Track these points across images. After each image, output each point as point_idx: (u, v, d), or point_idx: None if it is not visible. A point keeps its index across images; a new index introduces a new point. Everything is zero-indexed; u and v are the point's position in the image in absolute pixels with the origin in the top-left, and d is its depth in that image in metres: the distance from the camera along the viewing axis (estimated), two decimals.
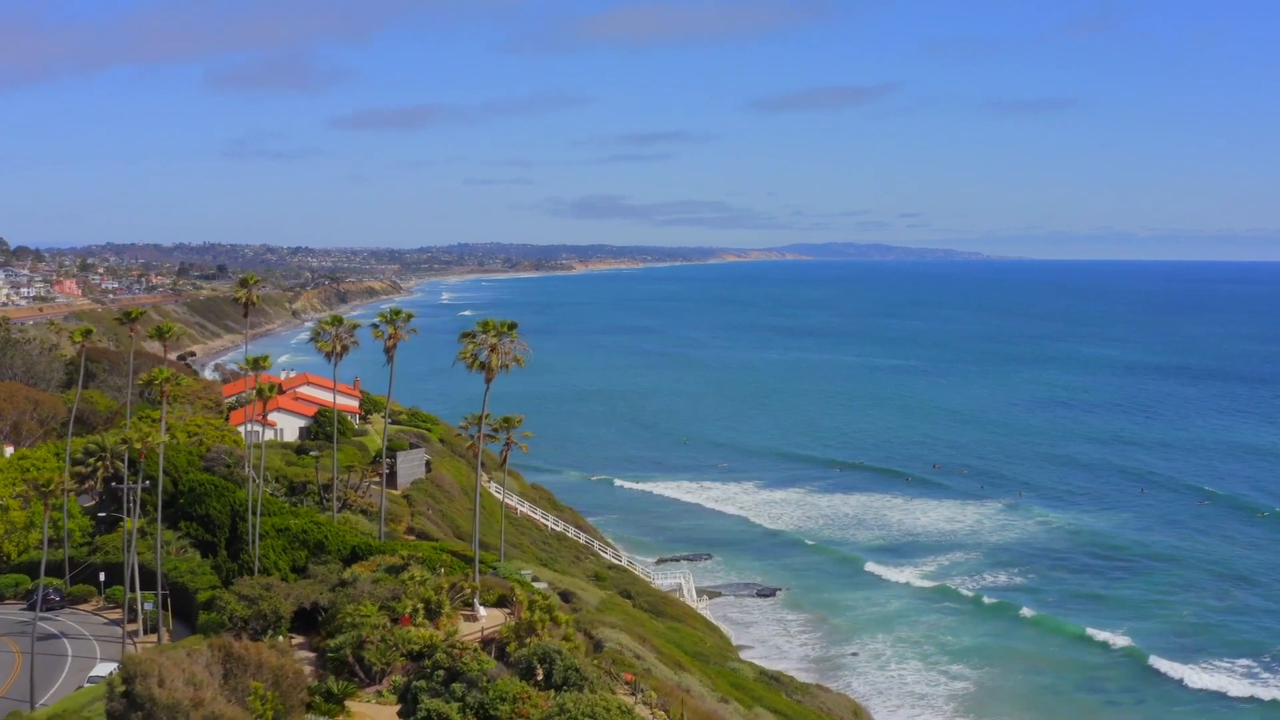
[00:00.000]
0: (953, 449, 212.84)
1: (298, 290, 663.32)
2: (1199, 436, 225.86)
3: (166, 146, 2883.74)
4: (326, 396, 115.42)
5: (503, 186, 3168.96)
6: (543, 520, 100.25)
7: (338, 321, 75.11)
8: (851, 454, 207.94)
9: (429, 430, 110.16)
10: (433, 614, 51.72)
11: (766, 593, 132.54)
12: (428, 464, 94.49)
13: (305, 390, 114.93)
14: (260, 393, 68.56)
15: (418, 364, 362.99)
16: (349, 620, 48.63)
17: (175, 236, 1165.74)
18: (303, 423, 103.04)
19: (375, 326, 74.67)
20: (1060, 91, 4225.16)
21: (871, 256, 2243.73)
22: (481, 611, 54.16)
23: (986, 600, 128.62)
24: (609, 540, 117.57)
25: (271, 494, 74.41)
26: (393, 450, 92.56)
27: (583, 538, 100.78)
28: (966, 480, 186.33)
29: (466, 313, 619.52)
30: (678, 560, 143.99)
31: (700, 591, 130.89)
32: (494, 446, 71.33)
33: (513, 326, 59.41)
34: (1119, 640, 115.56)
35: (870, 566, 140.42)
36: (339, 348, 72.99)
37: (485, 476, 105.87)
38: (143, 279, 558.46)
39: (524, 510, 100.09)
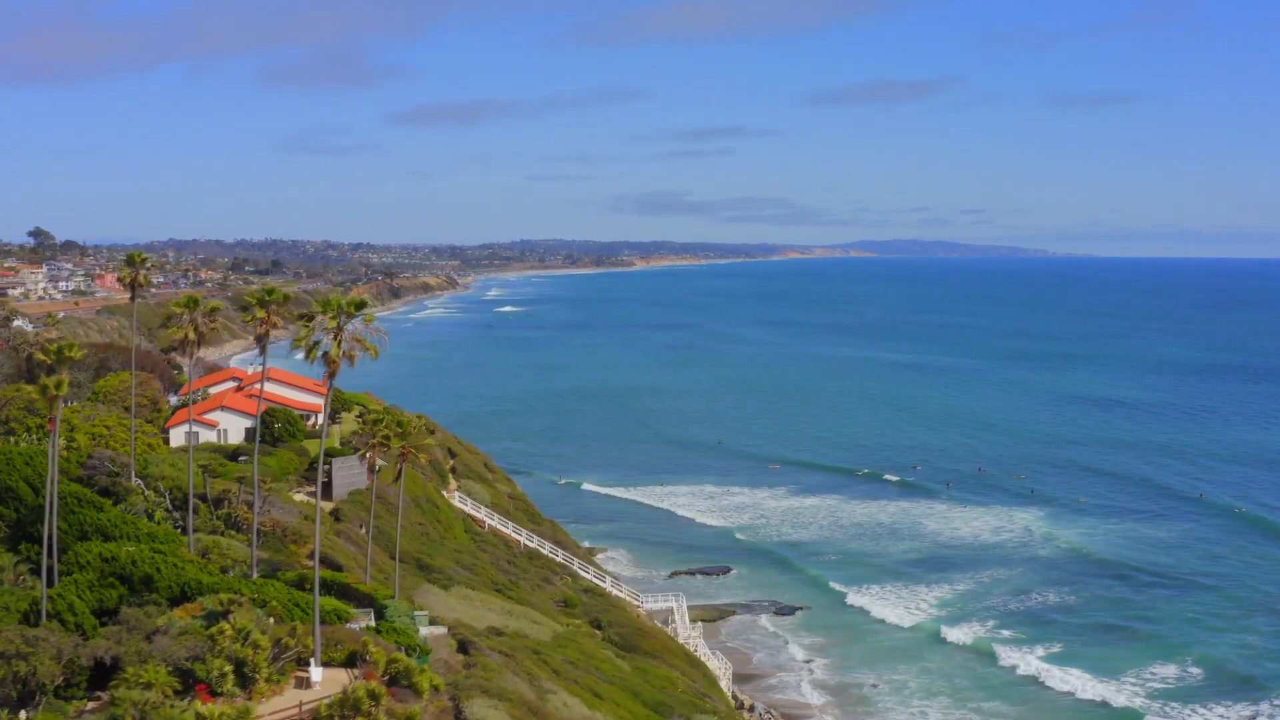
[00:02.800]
0: (1000, 453, 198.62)
1: (347, 286, 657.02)
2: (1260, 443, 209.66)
3: (225, 143, 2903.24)
4: (291, 394, 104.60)
5: (564, 183, 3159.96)
6: (514, 535, 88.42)
7: (192, 304, 63.51)
8: (891, 457, 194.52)
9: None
10: (247, 679, 40.28)
11: (785, 611, 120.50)
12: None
13: (268, 387, 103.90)
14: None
15: (454, 358, 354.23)
16: (121, 690, 37.34)
17: (237, 233, 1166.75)
18: (249, 423, 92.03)
19: (245, 310, 63.09)
20: (1123, 85, 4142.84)
21: (935, 254, 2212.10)
22: (316, 675, 42.62)
23: (1031, 624, 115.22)
24: (594, 560, 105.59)
25: (161, 510, 63.24)
26: (331, 455, 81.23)
27: (560, 555, 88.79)
28: (1015, 487, 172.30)
29: (506, 309, 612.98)
30: (693, 574, 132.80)
31: (713, 610, 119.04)
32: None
33: (360, 306, 47.58)
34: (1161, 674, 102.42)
35: (900, 583, 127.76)
36: (192, 334, 61.44)
37: (454, 484, 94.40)
38: (189, 273, 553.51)
39: (493, 524, 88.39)
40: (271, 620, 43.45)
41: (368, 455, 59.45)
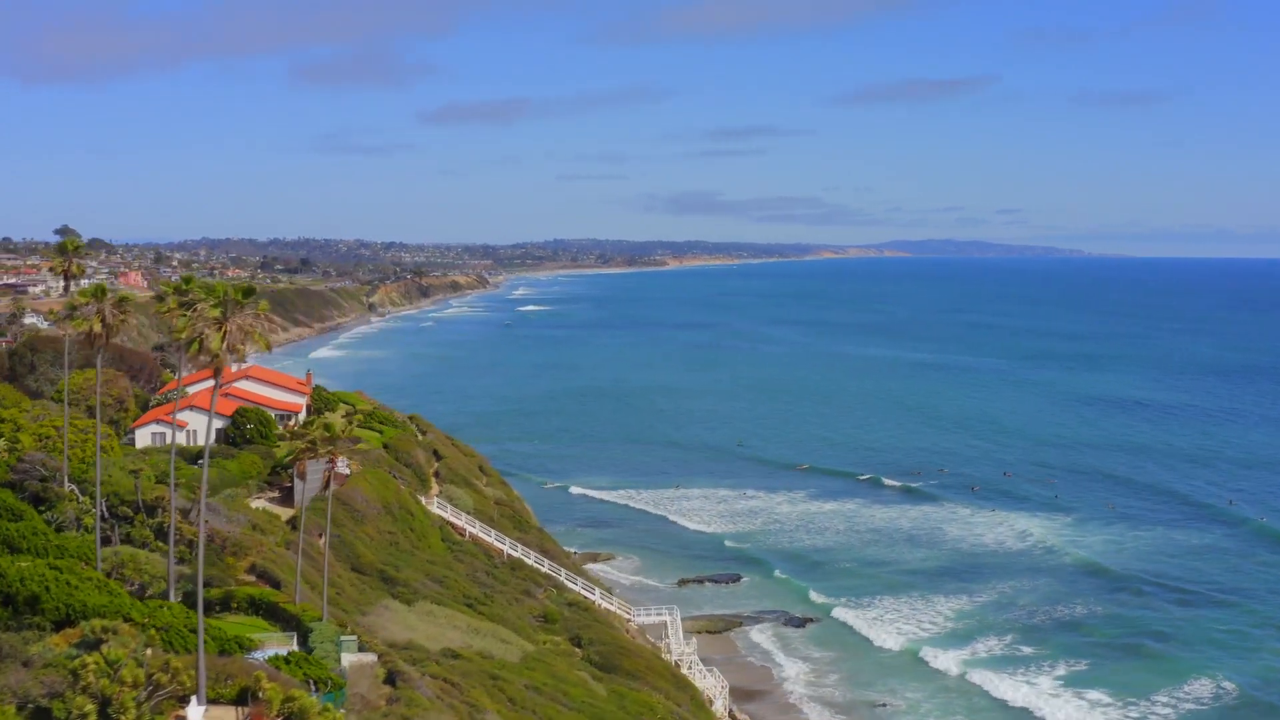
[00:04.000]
0: (1028, 457, 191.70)
1: (375, 284, 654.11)
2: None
3: (256, 141, 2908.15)
4: (272, 394, 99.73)
5: (596, 182, 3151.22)
6: (496, 544, 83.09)
7: (100, 293, 58.20)
8: (915, 461, 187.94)
9: (380, 432, 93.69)
10: None
11: (795, 623, 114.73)
12: (342, 476, 77.88)
13: (242, 385, 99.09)
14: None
15: (470, 357, 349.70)
16: None
17: (270, 232, 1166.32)
18: (221, 423, 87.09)
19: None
20: (1155, 84, 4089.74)
21: (970, 254, 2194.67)
22: (195, 715, 37.32)
23: (1052, 640, 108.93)
24: (586, 570, 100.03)
25: (90, 517, 58.16)
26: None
27: (546, 565, 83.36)
28: (1040, 493, 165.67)
29: (529, 308, 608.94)
30: (701, 582, 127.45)
31: (719, 620, 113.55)
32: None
33: (249, 293, 42.25)
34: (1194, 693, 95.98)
35: (916, 593, 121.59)
36: (98, 327, 56.13)
37: (435, 489, 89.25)
38: (215, 271, 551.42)
39: (474, 532, 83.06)
40: (149, 651, 38.22)
41: (297, 464, 54.31)
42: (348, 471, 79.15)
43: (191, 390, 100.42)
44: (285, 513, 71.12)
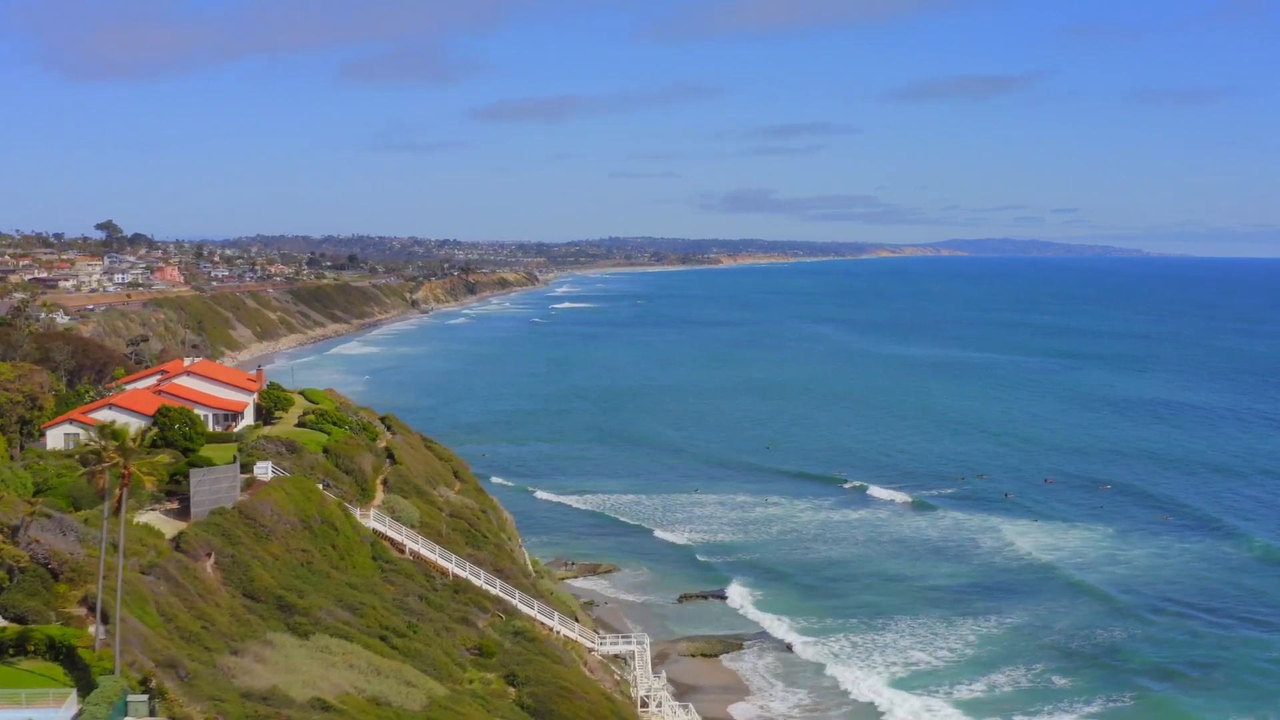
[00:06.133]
0: (1074, 464, 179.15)
1: (420, 280, 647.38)
2: None
3: (308, 139, 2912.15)
4: (216, 391, 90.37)
5: (648, 180, 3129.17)
6: (441, 562, 73.03)
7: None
8: (951, 466, 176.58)
9: (328, 434, 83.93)
10: None
11: (802, 645, 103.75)
12: (250, 483, 68.20)
13: (183, 381, 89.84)
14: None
15: (503, 353, 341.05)
16: None
17: (325, 229, 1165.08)
18: (142, 423, 77.57)
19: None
20: (1212, 81, 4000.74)
21: (1029, 253, 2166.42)
22: None
23: (1084, 671, 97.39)
24: (557, 590, 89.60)
25: None
26: (197, 464, 66.54)
27: (498, 586, 73.19)
28: (1083, 502, 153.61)
29: (564, 305, 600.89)
30: (705, 598, 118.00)
31: (716, 642, 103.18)
32: None
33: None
34: None
35: (940, 612, 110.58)
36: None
37: (379, 498, 79.46)
38: (257, 266, 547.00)
39: (415, 548, 73.04)
40: None
41: (96, 478, 44.59)
42: (268, 479, 69.59)
43: (131, 388, 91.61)
44: (179, 527, 61.56)
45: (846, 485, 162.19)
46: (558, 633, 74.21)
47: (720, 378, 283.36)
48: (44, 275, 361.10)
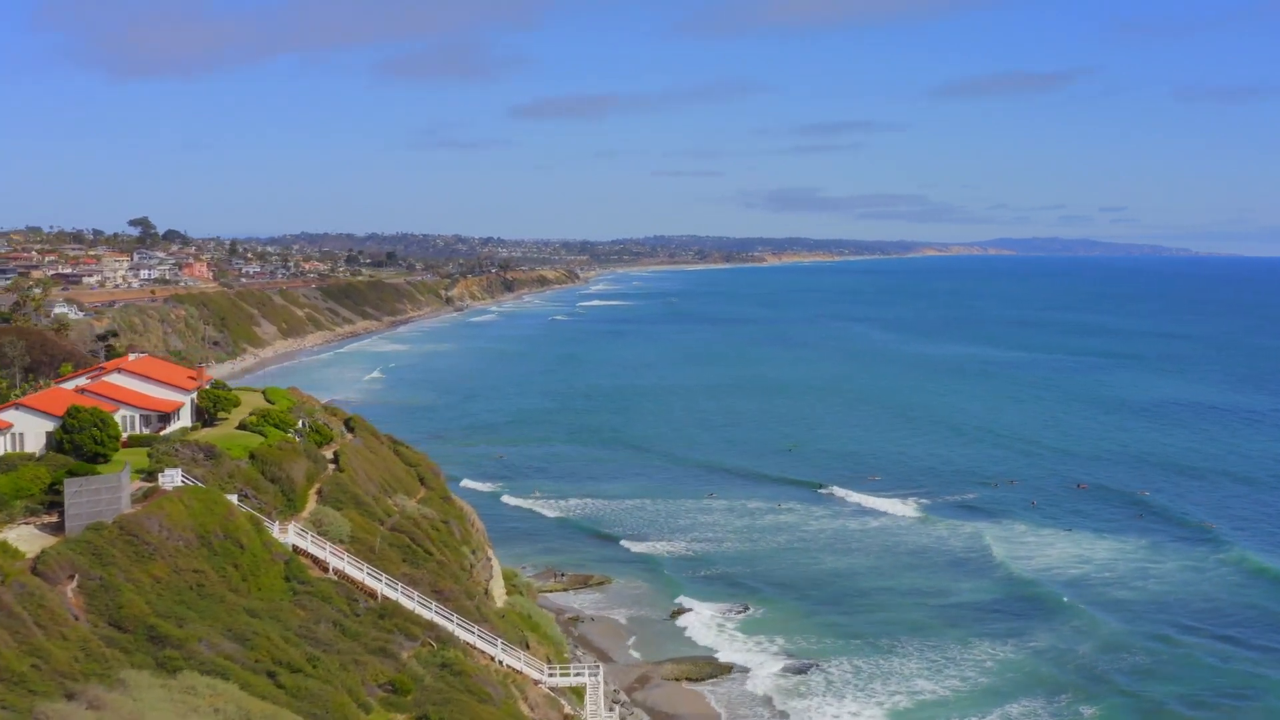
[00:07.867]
0: (1114, 470, 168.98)
1: (456, 277, 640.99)
2: None
3: (349, 136, 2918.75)
4: (148, 389, 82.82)
5: (691, 178, 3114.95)
6: (370, 582, 64.96)
7: None
8: (982, 469, 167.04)
9: (264, 436, 76.15)
10: None
11: (796, 670, 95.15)
12: (143, 492, 60.41)
13: (113, 379, 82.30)
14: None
15: (543, 350, 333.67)
16: None
17: (369, 227, 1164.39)
18: (50, 425, 70.17)
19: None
20: (1259, 78, 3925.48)
21: (1077, 252, 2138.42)
22: None
23: (1107, 700, 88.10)
24: (509, 611, 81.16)
25: None
26: (75, 473, 58.86)
27: (434, 610, 65.04)
28: (1119, 507, 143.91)
29: (592, 303, 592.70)
30: (700, 614, 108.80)
31: (705, 664, 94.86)
32: None
33: None
34: None
35: (954, 633, 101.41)
36: None
37: (307, 510, 71.52)
38: (291, 262, 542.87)
39: (340, 565, 65.00)
40: None
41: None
42: (172, 486, 61.81)
43: (72, 385, 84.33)
44: (47, 544, 53.87)
45: (867, 489, 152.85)
46: (500, 663, 65.96)
47: (740, 377, 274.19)
48: (68, 271, 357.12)
